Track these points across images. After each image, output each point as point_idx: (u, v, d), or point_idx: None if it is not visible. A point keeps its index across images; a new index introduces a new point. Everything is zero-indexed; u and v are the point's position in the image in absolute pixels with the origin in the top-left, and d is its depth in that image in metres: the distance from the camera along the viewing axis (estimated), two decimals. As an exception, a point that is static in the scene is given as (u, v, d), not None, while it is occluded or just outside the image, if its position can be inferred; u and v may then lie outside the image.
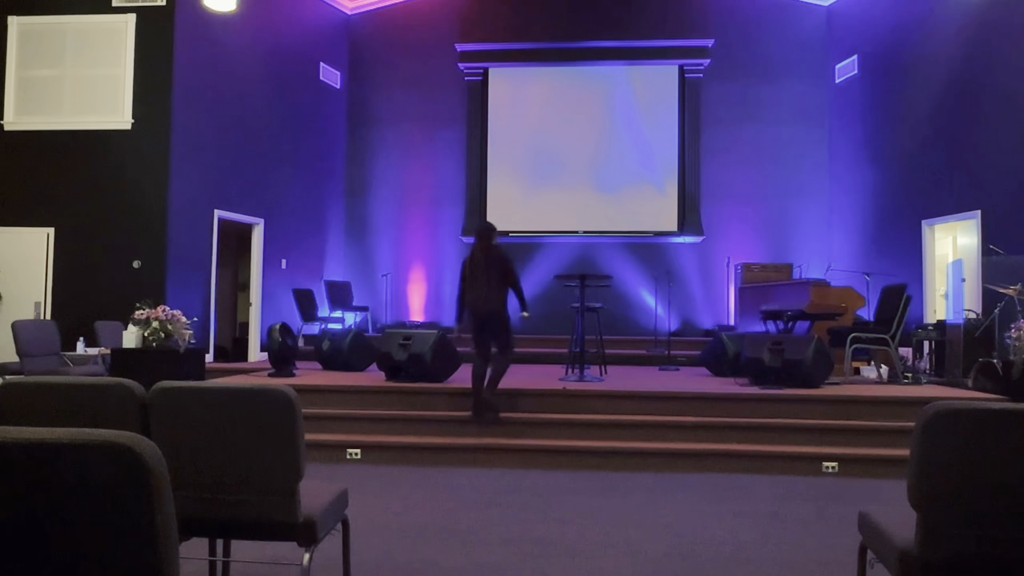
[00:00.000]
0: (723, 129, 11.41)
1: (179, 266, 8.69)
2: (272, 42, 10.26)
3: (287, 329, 7.06)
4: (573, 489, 4.70)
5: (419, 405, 5.93)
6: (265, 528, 2.34)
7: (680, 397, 5.86)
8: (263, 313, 10.03)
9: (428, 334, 6.48)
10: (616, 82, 11.67)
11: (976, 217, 8.31)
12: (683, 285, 11.13)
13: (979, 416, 1.90)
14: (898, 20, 9.79)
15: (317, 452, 5.28)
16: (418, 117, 11.84)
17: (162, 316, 6.49)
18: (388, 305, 11.58)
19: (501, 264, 5.74)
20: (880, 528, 2.24)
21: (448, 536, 3.66)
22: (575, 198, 11.54)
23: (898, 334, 6.77)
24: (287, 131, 10.53)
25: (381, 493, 4.54)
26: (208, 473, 2.29)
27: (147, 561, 1.14)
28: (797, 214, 11.26)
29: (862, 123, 10.50)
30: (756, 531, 3.81)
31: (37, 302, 8.57)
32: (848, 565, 3.00)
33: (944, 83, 8.91)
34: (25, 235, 8.65)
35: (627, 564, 3.27)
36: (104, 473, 1.12)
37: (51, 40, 8.79)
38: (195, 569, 2.88)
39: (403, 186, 11.88)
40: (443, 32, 11.80)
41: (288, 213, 10.55)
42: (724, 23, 11.45)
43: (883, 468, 5.10)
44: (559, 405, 5.85)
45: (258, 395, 2.27)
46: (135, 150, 8.64)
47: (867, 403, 5.68)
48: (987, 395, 6.07)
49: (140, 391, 2.29)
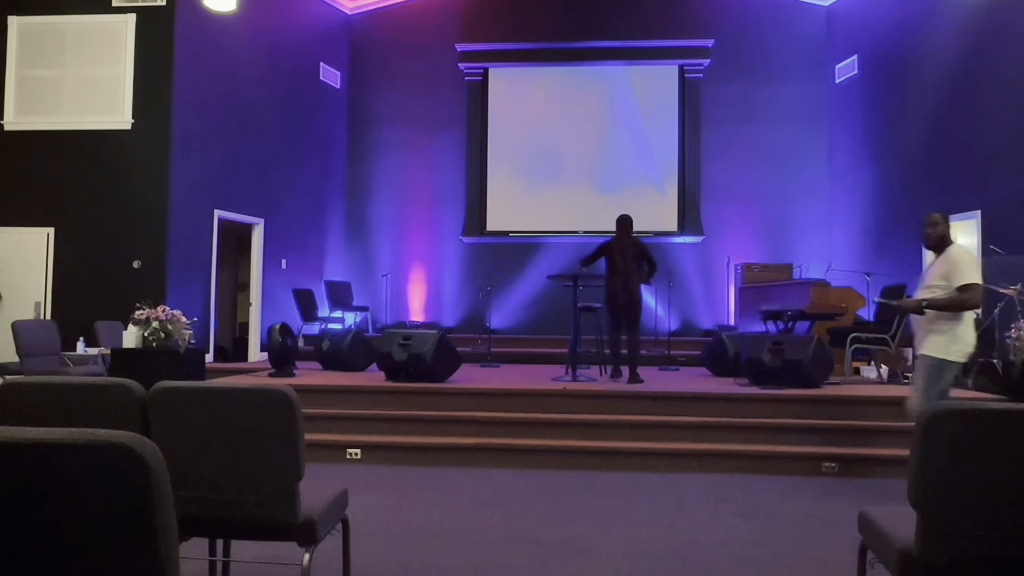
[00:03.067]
0: (723, 129, 11.41)
1: (179, 266, 8.69)
2: (272, 42, 10.26)
3: (287, 329, 7.06)
4: (573, 489, 4.69)
5: (419, 405, 5.92)
6: (265, 528, 2.34)
7: (680, 397, 5.85)
8: (263, 313, 10.03)
9: (428, 334, 6.47)
10: (616, 82, 11.68)
11: (976, 217, 8.31)
12: (683, 285, 11.13)
13: (979, 416, 1.90)
14: (898, 20, 9.79)
15: (317, 452, 5.28)
16: (418, 117, 11.84)
17: (162, 316, 6.48)
18: (388, 305, 11.58)
19: (642, 251, 6.74)
20: (880, 528, 2.24)
21: (448, 536, 3.66)
22: (575, 198, 11.54)
23: (898, 334, 6.78)
24: (287, 131, 10.53)
25: (381, 493, 4.54)
26: (208, 473, 2.29)
27: (147, 561, 1.14)
28: (797, 214, 11.26)
29: (862, 123, 10.50)
30: (756, 531, 3.81)
31: (37, 302, 8.57)
32: (848, 565, 3.00)
33: (944, 83, 8.91)
34: (25, 235, 8.65)
35: (627, 564, 3.27)
36: (104, 473, 1.12)
37: (51, 40, 8.79)
38: (195, 569, 2.88)
39: (403, 186, 11.88)
40: (443, 32, 11.80)
41: (288, 213, 10.55)
42: (724, 23, 11.45)
43: (883, 468, 5.10)
44: (559, 405, 5.85)
45: (258, 395, 2.27)
46: (135, 150, 8.64)
47: (867, 403, 5.68)
48: (987, 395, 6.08)
49: (140, 391, 2.29)
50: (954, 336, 4.06)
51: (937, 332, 4.10)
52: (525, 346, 10.13)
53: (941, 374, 4.08)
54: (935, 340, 4.11)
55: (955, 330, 4.06)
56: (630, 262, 6.65)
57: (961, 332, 4.07)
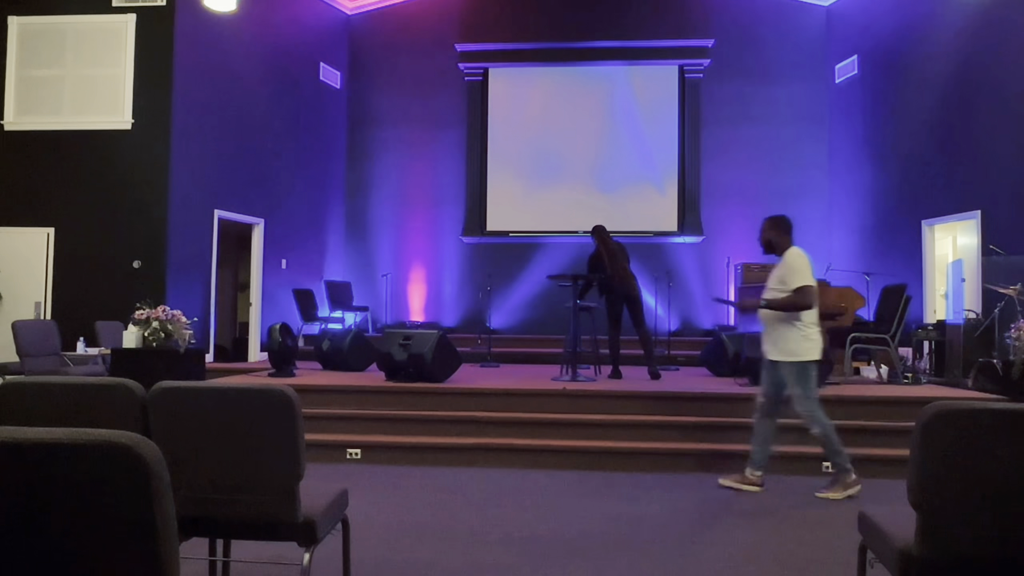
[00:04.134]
0: (723, 129, 11.40)
1: (179, 266, 8.69)
2: (272, 42, 10.26)
3: (287, 329, 7.05)
4: (573, 489, 4.70)
5: (419, 405, 5.92)
6: (265, 528, 2.34)
7: (680, 397, 5.85)
8: (263, 313, 10.03)
9: (428, 334, 6.47)
10: (616, 82, 11.67)
11: (976, 217, 8.31)
12: (683, 285, 11.13)
13: (979, 416, 1.90)
14: (898, 20, 9.79)
15: (317, 452, 5.28)
16: (418, 117, 11.84)
17: (162, 316, 6.48)
18: (388, 305, 11.58)
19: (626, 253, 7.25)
20: (880, 528, 2.24)
21: (448, 536, 3.66)
22: (575, 198, 11.53)
23: (898, 334, 6.77)
24: (287, 131, 10.53)
25: (381, 493, 4.54)
26: (208, 473, 2.29)
27: (147, 561, 1.14)
28: (797, 214, 11.14)
29: (862, 123, 10.50)
30: (756, 531, 3.81)
31: (37, 302, 8.57)
32: (848, 565, 2.99)
33: (944, 83, 8.91)
34: (25, 235, 8.65)
35: (627, 564, 3.27)
36: (104, 473, 1.12)
37: (51, 40, 8.79)
38: (195, 569, 2.88)
39: (403, 186, 11.88)
40: (443, 32, 11.79)
41: (288, 213, 10.55)
42: (724, 23, 11.45)
43: (883, 468, 5.09)
44: (559, 405, 5.85)
45: (258, 395, 2.27)
46: (135, 150, 8.64)
47: (867, 403, 5.68)
48: (987, 395, 6.07)
49: (140, 391, 2.29)
50: (803, 336, 4.35)
51: (786, 338, 4.38)
52: (525, 346, 10.12)
53: (808, 374, 4.36)
54: (789, 346, 4.38)
55: (801, 331, 4.35)
56: (621, 262, 7.06)
57: (808, 332, 4.35)
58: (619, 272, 7.02)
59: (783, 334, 4.40)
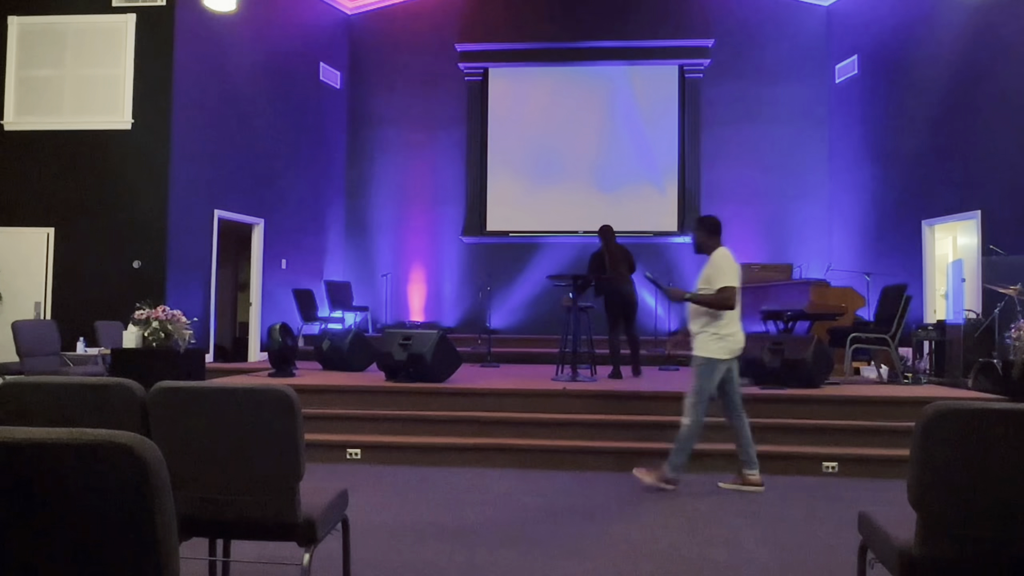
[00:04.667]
0: (723, 129, 11.40)
1: (179, 266, 8.69)
2: (272, 42, 10.25)
3: (287, 329, 7.05)
4: (573, 489, 4.69)
5: (419, 405, 5.92)
6: (265, 528, 2.33)
7: (680, 397, 5.81)
8: (263, 313, 10.03)
9: (428, 334, 6.47)
10: (616, 82, 11.67)
11: (976, 217, 8.31)
12: (683, 285, 11.10)
13: (979, 416, 1.90)
14: (898, 20, 9.79)
15: (317, 452, 5.27)
16: (418, 117, 11.84)
17: (162, 316, 6.48)
18: (388, 305, 11.58)
19: (627, 256, 7.28)
20: (880, 528, 2.24)
21: (448, 536, 3.66)
22: (575, 198, 11.53)
23: (898, 334, 6.77)
24: (287, 131, 10.53)
25: (381, 493, 4.54)
26: (208, 473, 2.29)
27: (147, 561, 1.14)
28: (797, 214, 11.25)
29: (862, 123, 10.49)
30: (756, 531, 3.81)
31: (37, 302, 8.57)
32: (848, 565, 2.99)
33: (944, 83, 8.91)
34: (25, 235, 8.65)
35: (627, 564, 3.27)
36: (104, 473, 1.12)
37: (51, 40, 8.79)
38: (195, 569, 2.88)
39: (403, 186, 11.88)
40: (443, 32, 11.79)
41: (288, 213, 10.55)
42: (724, 23, 11.45)
43: (883, 468, 5.09)
44: (559, 405, 5.84)
45: (258, 395, 2.27)
46: (135, 150, 8.63)
47: (867, 403, 5.67)
48: (987, 395, 6.07)
49: (140, 391, 2.29)
50: (718, 336, 4.47)
51: (704, 334, 4.51)
52: (525, 346, 10.12)
53: (711, 372, 4.48)
54: (702, 341, 4.52)
55: (719, 331, 4.47)
56: (621, 265, 7.15)
57: (725, 331, 4.47)
58: (616, 275, 7.09)
59: (704, 330, 4.52)
